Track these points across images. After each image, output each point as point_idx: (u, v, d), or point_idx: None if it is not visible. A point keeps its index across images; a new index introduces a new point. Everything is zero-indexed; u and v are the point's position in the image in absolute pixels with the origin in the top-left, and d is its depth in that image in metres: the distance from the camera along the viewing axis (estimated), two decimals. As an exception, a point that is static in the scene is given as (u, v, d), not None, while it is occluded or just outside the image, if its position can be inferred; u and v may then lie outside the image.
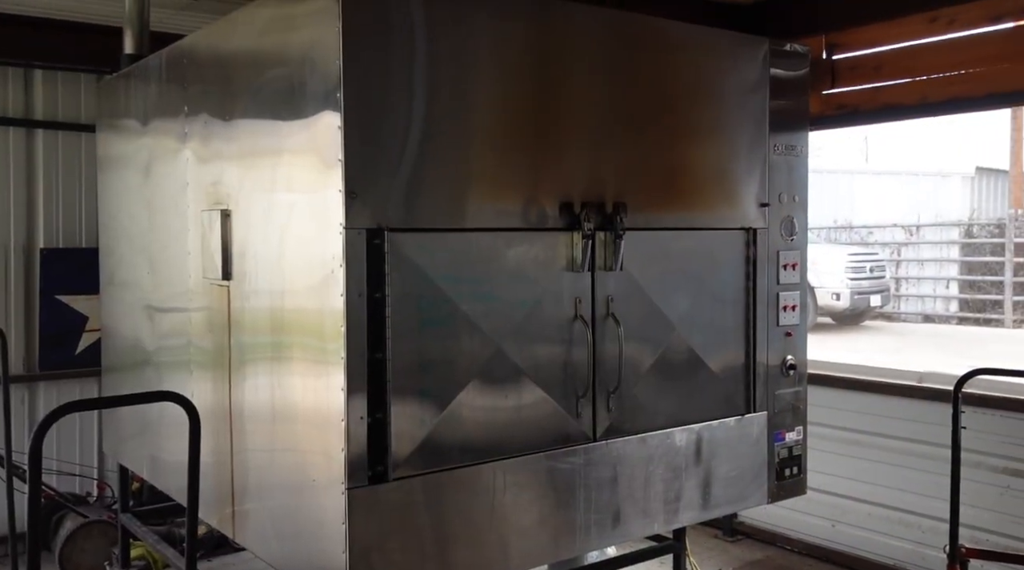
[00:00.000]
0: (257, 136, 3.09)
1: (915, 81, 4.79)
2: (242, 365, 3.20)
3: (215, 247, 3.28)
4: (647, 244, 3.27)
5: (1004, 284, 15.55)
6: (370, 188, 2.62)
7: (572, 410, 3.08)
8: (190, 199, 3.58)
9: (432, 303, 2.75)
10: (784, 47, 3.69)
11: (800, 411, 3.81)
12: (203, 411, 3.44)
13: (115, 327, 4.56)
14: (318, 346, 2.71)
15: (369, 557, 2.64)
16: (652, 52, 3.30)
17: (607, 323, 3.15)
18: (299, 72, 2.78)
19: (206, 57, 3.47)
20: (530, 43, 2.99)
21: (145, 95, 4.07)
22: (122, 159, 4.40)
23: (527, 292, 2.97)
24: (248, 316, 3.15)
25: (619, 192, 3.17)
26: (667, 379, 3.36)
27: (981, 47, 4.55)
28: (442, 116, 2.78)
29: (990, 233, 16.84)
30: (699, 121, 3.44)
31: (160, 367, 3.98)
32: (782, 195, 3.69)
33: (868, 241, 17.94)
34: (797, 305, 3.76)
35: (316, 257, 2.70)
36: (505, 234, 2.92)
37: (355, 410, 2.60)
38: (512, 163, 2.96)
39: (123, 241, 4.41)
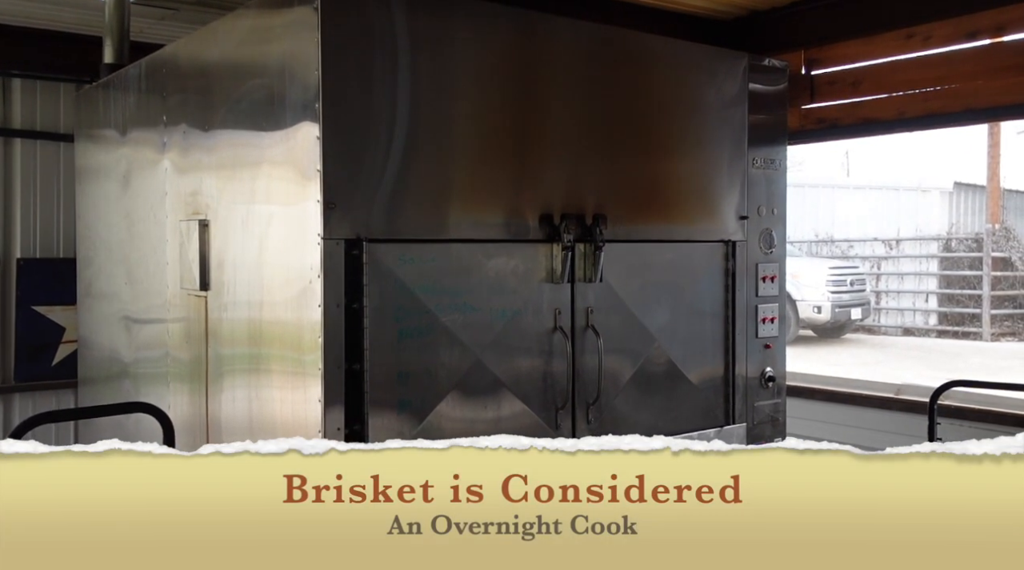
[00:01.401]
0: (236, 146, 3.08)
1: (892, 96, 4.84)
2: (219, 376, 3.18)
3: (193, 257, 3.26)
4: (627, 256, 3.28)
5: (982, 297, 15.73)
6: (348, 198, 2.62)
7: (552, 422, 3.08)
8: (168, 209, 3.55)
9: (411, 314, 2.75)
10: (763, 62, 3.73)
11: (779, 423, 3.82)
12: (181, 423, 3.42)
13: (92, 338, 4.52)
14: (295, 357, 2.69)
15: (346, 570, 2.61)
16: (633, 66, 3.32)
17: (587, 334, 3.15)
18: (278, 82, 2.78)
19: (186, 67, 3.46)
20: (511, 55, 3.01)
21: (124, 105, 4.05)
22: (101, 169, 4.37)
23: (507, 303, 2.97)
24: (226, 327, 3.13)
25: (599, 204, 3.18)
26: (647, 391, 3.37)
27: (957, 64, 4.61)
28: (422, 127, 2.79)
29: (968, 247, 17.04)
30: (679, 134, 3.46)
31: (137, 379, 3.94)
32: (761, 208, 3.72)
33: (849, 255, 18.10)
34: (776, 317, 3.78)
35: (294, 267, 2.69)
36: (485, 245, 2.93)
37: (332, 422, 2.58)
38: (492, 174, 2.97)
39: (101, 251, 4.38)
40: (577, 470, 1.72)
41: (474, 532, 1.67)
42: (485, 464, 1.71)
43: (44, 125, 5.42)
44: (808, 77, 5.17)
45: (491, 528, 1.67)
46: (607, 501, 1.69)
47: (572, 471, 1.71)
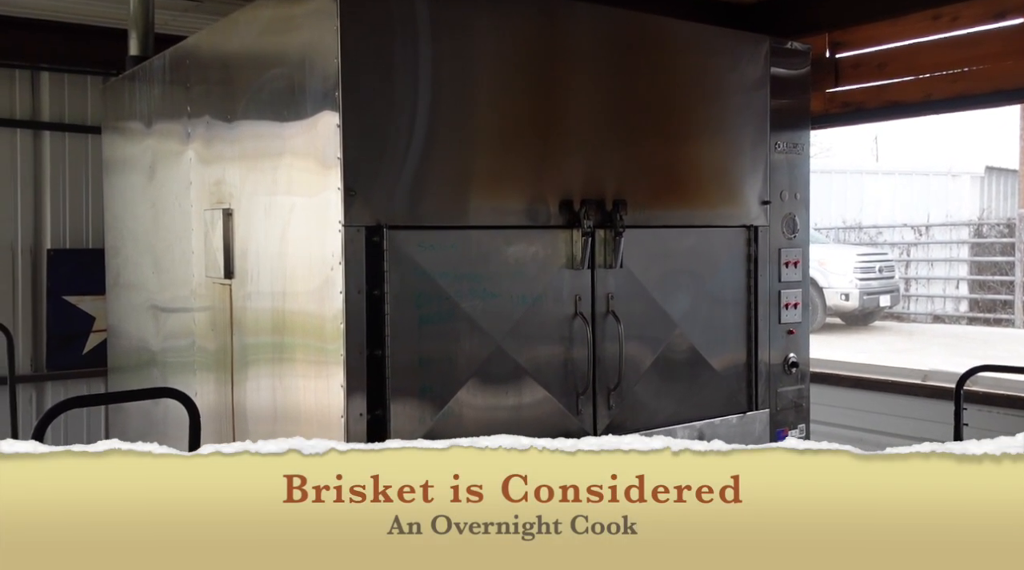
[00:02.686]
0: (258, 137, 3.11)
1: (919, 78, 4.77)
2: (244, 365, 3.22)
3: (217, 246, 3.30)
4: (647, 242, 3.27)
5: (1014, 284, 15.46)
6: (369, 186, 2.64)
7: (572, 408, 3.09)
8: (193, 199, 3.60)
9: (431, 300, 2.77)
10: (785, 45, 3.69)
11: (803, 409, 3.80)
12: (207, 411, 3.47)
13: (121, 327, 4.59)
14: (318, 345, 2.72)
15: (369, 553, 2.64)
16: (653, 50, 3.30)
17: (607, 320, 3.15)
18: (298, 72, 2.80)
19: (208, 58, 3.50)
20: (531, 41, 3.00)
21: (149, 97, 4.10)
22: (127, 160, 4.43)
23: (527, 289, 2.98)
24: (250, 315, 3.17)
25: (619, 189, 3.17)
26: (668, 377, 3.36)
27: (985, 44, 4.53)
28: (442, 113, 2.79)
29: (1000, 233, 16.75)
30: (700, 119, 3.44)
31: (165, 367, 4.00)
32: (783, 193, 3.69)
33: (877, 241, 17.87)
34: (799, 303, 3.76)
35: (316, 255, 2.72)
36: (504, 232, 2.93)
37: (355, 407, 2.61)
38: (512, 160, 2.97)
39: (128, 242, 4.44)
40: (577, 470, 1.71)
41: (474, 532, 1.67)
42: (485, 464, 1.71)
43: (72, 118, 5.50)
44: (832, 60, 5.10)
45: (491, 528, 1.67)
46: (607, 501, 1.68)
47: (572, 471, 1.71)
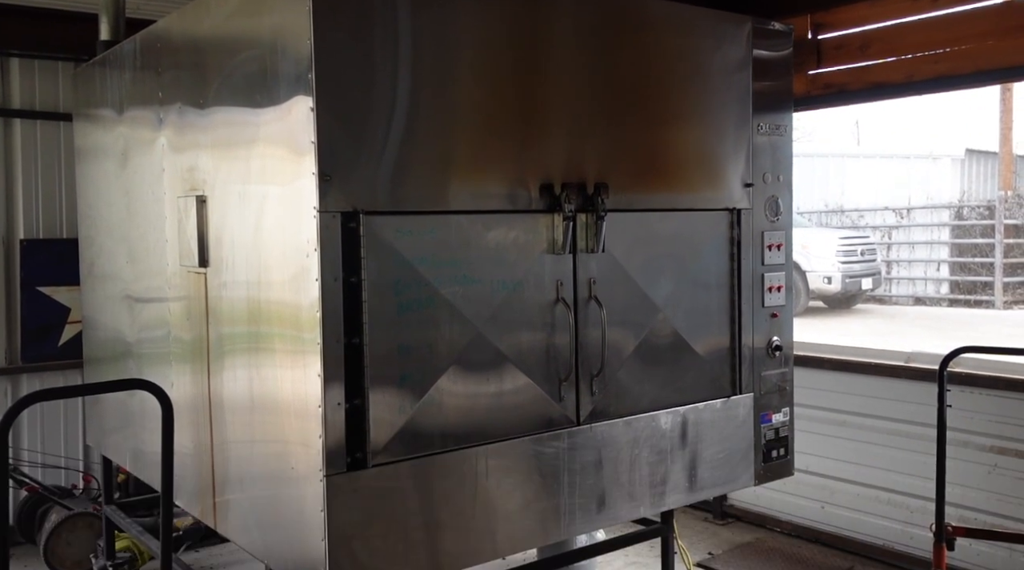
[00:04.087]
0: (231, 122, 3.04)
1: (901, 59, 4.75)
2: (220, 352, 3.16)
3: (191, 233, 3.24)
4: (630, 226, 3.23)
5: (994, 266, 15.58)
6: (345, 171, 2.58)
7: (555, 394, 3.05)
8: (166, 186, 3.52)
9: (410, 287, 2.71)
10: (767, 26, 3.65)
11: (787, 392, 3.79)
12: (183, 402, 3.42)
13: (96, 318, 4.51)
14: (295, 334, 2.67)
15: (349, 544, 2.61)
16: (634, 31, 3.25)
17: (590, 306, 3.12)
18: (271, 55, 2.73)
19: (179, 42, 3.41)
20: (513, 22, 2.95)
21: (120, 82, 4.01)
22: (99, 148, 4.34)
23: (508, 275, 2.93)
24: (226, 305, 3.11)
25: (600, 173, 3.13)
26: (651, 362, 3.33)
27: (967, 24, 4.51)
28: (419, 97, 2.73)
29: (980, 215, 16.86)
30: (682, 101, 3.40)
31: (141, 358, 3.94)
32: (766, 175, 3.66)
33: (859, 225, 17.94)
34: (782, 286, 3.73)
35: (291, 243, 2.66)
36: (484, 216, 2.88)
37: (332, 397, 2.56)
38: (491, 144, 2.92)
39: (102, 231, 4.36)
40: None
41: None
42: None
43: (43, 105, 5.40)
44: (815, 41, 5.07)
45: None
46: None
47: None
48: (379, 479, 2.65)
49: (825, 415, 5.26)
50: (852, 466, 5.16)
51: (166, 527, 2.70)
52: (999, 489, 4.56)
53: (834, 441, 5.22)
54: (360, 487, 2.62)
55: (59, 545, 4.82)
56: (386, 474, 2.67)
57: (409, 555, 2.75)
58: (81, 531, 4.87)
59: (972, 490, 4.62)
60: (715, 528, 5.66)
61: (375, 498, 2.65)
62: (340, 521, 2.58)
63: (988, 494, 4.59)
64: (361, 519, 2.63)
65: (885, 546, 5.01)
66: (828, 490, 5.28)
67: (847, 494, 5.19)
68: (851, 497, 5.17)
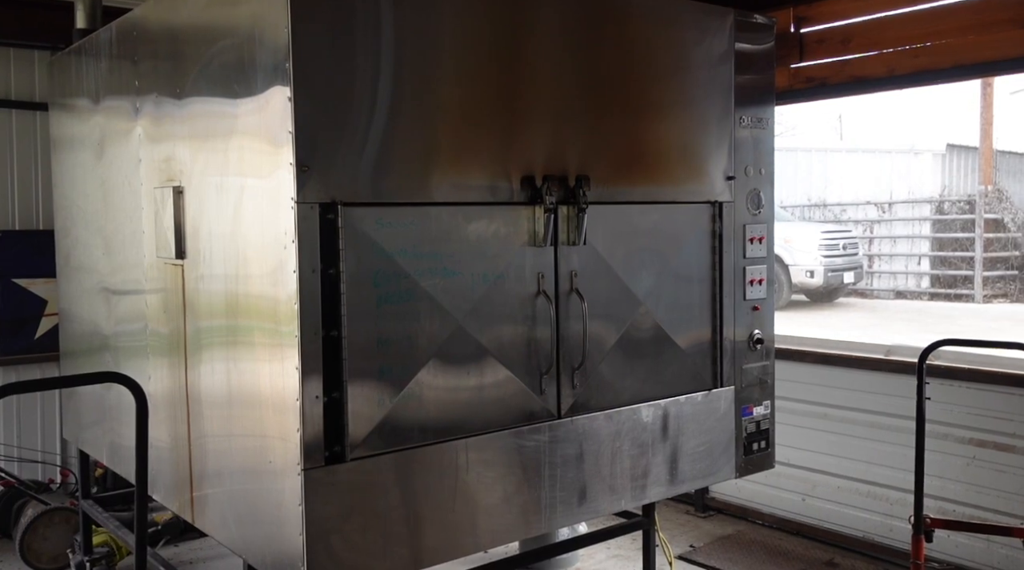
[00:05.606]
0: (209, 113, 3.00)
1: (882, 53, 4.76)
2: (198, 345, 3.13)
3: (168, 225, 3.19)
4: (611, 218, 3.22)
5: (974, 260, 15.71)
6: (324, 161, 2.55)
7: (536, 387, 3.04)
8: (143, 177, 3.48)
9: (390, 279, 2.69)
10: (750, 18, 3.64)
11: (768, 385, 3.79)
12: (161, 395, 3.38)
13: (72, 311, 4.46)
14: (272, 327, 2.64)
15: (328, 539, 2.58)
16: (616, 23, 3.23)
17: (571, 299, 3.10)
18: (248, 45, 2.69)
19: (156, 30, 3.36)
20: (496, 12, 2.92)
21: (96, 71, 3.95)
22: (75, 138, 4.28)
23: (488, 268, 2.92)
24: (203, 297, 3.07)
25: (582, 165, 3.11)
26: (633, 355, 3.33)
27: (948, 19, 4.53)
28: (400, 87, 2.70)
29: (961, 209, 16.99)
30: (664, 93, 3.38)
31: (118, 351, 3.89)
32: (748, 168, 3.66)
33: (841, 219, 18.04)
34: (764, 279, 3.73)
35: (269, 234, 2.63)
36: (465, 208, 2.86)
37: (310, 390, 2.54)
38: (473, 135, 2.90)
39: (78, 222, 4.30)
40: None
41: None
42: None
43: (19, 94, 5.32)
44: (797, 35, 5.07)
45: None
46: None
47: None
48: (358, 473, 2.63)
49: (806, 408, 5.28)
50: (833, 459, 5.19)
51: (140, 522, 2.67)
52: (977, 481, 4.59)
53: (815, 434, 5.24)
54: (338, 481, 2.59)
55: (35, 540, 4.76)
56: (365, 468, 2.65)
57: (389, 549, 2.73)
58: (58, 526, 4.81)
59: (951, 482, 4.66)
60: (697, 521, 5.68)
61: (354, 492, 2.63)
62: (318, 515, 2.55)
63: (966, 486, 4.62)
64: (340, 513, 2.61)
65: (865, 538, 5.04)
66: (809, 482, 5.30)
67: (828, 486, 5.22)
68: (832, 489, 5.20)
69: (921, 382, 3.83)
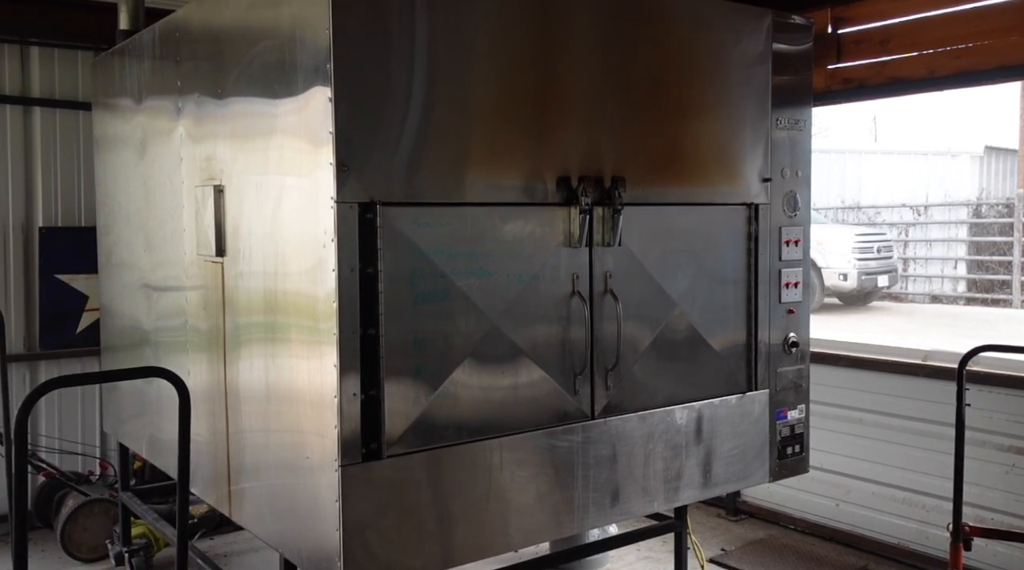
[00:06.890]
0: (249, 112, 3.04)
1: (922, 54, 4.70)
2: (236, 342, 3.17)
3: (208, 223, 3.25)
4: (646, 219, 3.22)
5: (1012, 264, 15.42)
6: (362, 161, 2.58)
7: (569, 388, 3.05)
8: (184, 175, 3.54)
9: (426, 279, 2.71)
10: (788, 19, 3.62)
11: (802, 389, 3.76)
12: (200, 390, 3.44)
13: (113, 306, 4.54)
14: (311, 324, 2.68)
15: (363, 535, 2.61)
16: (652, 23, 3.23)
17: (605, 299, 3.11)
18: (289, 46, 2.73)
19: (198, 31, 3.42)
20: (529, 14, 2.93)
21: (139, 72, 4.02)
22: (117, 137, 4.36)
23: (523, 268, 2.93)
24: (242, 294, 3.12)
25: (617, 166, 3.12)
26: (667, 356, 3.32)
27: (989, 19, 4.45)
28: (436, 88, 2.73)
29: (999, 213, 16.68)
30: (700, 94, 3.37)
31: (158, 347, 3.96)
32: (784, 170, 3.63)
33: (876, 221, 17.80)
34: (800, 282, 3.71)
35: (308, 233, 2.66)
36: (501, 209, 2.88)
37: (348, 387, 2.57)
38: (508, 136, 2.91)
39: (120, 219, 4.38)
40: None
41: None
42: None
43: (63, 94, 5.43)
44: (834, 36, 5.02)
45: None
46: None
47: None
48: (393, 470, 2.66)
49: (841, 412, 5.22)
50: (868, 464, 5.13)
51: (182, 514, 2.72)
52: (1016, 489, 4.51)
53: (850, 439, 5.19)
54: (374, 478, 2.62)
55: (76, 530, 4.86)
56: (400, 465, 2.68)
57: (422, 546, 2.75)
58: (97, 517, 4.91)
59: (989, 490, 4.58)
60: (728, 524, 5.65)
61: (389, 489, 2.66)
62: (355, 511, 2.58)
63: (1005, 494, 4.55)
64: (375, 510, 2.64)
65: (900, 545, 4.98)
66: (843, 488, 5.25)
67: (862, 492, 5.16)
68: (866, 495, 5.14)
69: (961, 388, 3.78)
